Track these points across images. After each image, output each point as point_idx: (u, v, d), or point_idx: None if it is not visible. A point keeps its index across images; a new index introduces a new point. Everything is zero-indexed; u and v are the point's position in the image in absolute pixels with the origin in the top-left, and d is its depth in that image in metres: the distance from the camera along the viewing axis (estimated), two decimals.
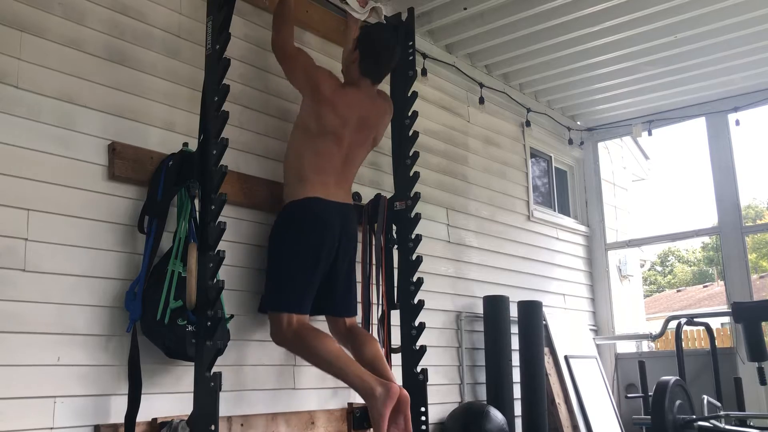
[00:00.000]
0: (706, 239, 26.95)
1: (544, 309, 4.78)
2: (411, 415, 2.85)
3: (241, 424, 2.85)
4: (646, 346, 7.14)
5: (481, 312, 4.40)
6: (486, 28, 4.34)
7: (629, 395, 5.24)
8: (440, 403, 4.03)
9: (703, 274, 29.71)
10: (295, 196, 2.99)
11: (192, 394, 2.45)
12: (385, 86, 3.69)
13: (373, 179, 3.84)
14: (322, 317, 3.16)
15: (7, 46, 2.43)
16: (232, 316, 2.82)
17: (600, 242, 6.01)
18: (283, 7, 3.15)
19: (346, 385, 3.40)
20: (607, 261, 6.01)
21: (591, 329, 5.74)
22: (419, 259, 3.30)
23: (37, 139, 2.46)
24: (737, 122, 5.39)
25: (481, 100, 4.84)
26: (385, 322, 3.30)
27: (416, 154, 3.44)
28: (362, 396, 2.78)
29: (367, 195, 3.58)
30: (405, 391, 2.81)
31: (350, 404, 3.36)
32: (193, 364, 2.48)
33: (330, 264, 3.01)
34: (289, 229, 2.96)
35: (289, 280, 2.90)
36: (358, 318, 3.34)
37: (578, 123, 6.05)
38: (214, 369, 2.39)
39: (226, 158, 2.57)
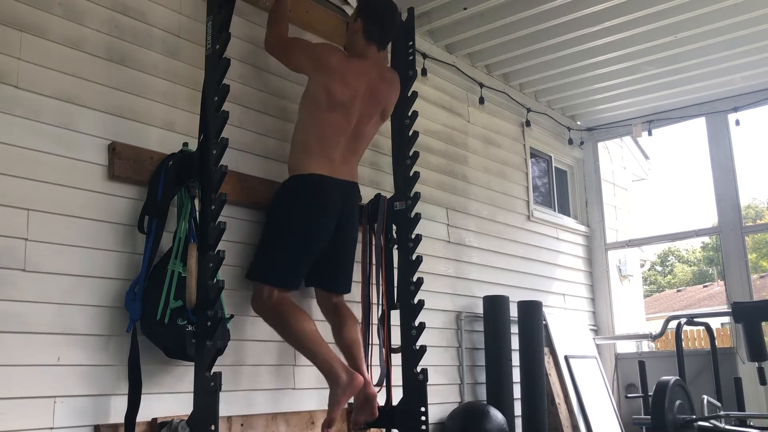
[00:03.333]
0: (706, 239, 26.98)
1: (544, 309, 4.78)
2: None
3: (241, 424, 2.85)
4: (646, 346, 7.15)
5: (481, 312, 4.40)
6: (486, 28, 4.34)
7: (629, 395, 5.24)
8: (440, 403, 4.03)
9: (703, 274, 29.72)
10: (299, 170, 3.00)
11: (192, 394, 2.45)
12: None
13: (373, 179, 3.84)
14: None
15: (7, 46, 2.43)
16: (232, 316, 2.82)
17: (600, 242, 6.01)
18: (279, 8, 3.17)
19: None
20: (607, 261, 6.00)
21: (591, 329, 5.74)
22: (419, 259, 3.30)
23: (37, 139, 2.46)
24: (737, 122, 5.39)
25: (481, 100, 4.84)
26: (385, 322, 3.30)
27: (416, 154, 3.44)
28: (327, 380, 2.84)
29: (367, 195, 3.58)
30: (373, 388, 2.99)
31: (350, 404, 3.35)
32: (193, 364, 2.49)
33: (328, 242, 3.02)
34: (288, 205, 2.96)
35: (280, 256, 2.91)
36: (358, 317, 3.34)
37: (578, 123, 6.05)
38: (214, 369, 2.40)
39: (226, 158, 2.57)
